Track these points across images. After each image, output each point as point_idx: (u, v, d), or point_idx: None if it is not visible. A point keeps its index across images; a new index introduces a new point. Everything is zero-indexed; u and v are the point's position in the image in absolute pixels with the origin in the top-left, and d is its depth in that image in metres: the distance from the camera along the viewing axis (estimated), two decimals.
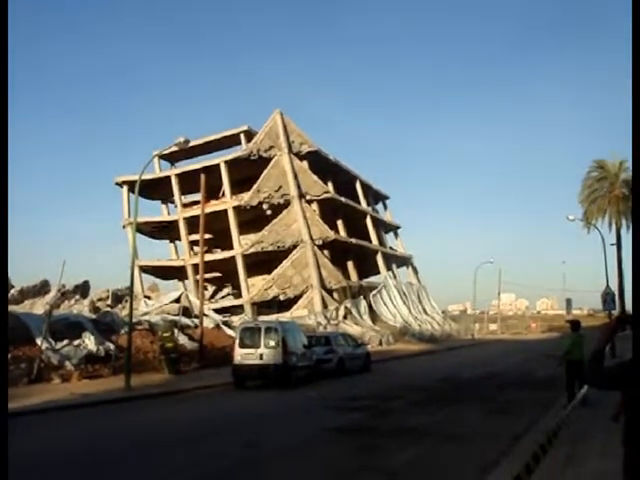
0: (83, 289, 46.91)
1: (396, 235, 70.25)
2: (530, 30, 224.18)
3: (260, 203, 49.41)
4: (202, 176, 29.84)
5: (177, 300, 35.46)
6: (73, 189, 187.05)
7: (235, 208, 49.73)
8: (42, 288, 45.23)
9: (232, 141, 53.74)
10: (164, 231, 57.48)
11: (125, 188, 54.32)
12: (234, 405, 16.43)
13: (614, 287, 34.40)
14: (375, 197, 67.15)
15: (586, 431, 10.38)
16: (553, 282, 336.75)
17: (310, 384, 20.30)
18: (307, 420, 13.08)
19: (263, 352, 19.39)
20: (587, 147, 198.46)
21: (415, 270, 69.14)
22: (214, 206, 49.23)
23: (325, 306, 45.81)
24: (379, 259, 59.08)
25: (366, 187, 62.82)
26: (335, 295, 49.41)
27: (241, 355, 19.64)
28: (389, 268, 60.85)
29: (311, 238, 48.22)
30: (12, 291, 44.36)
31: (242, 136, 52.39)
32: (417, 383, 20.23)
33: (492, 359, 33.11)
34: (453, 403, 15.31)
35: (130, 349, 19.45)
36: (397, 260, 65.68)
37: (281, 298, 48.13)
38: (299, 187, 49.69)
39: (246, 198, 49.49)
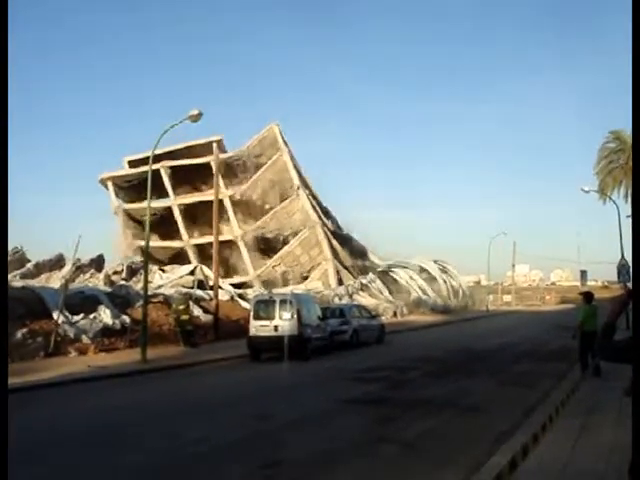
0: (98, 263, 47.09)
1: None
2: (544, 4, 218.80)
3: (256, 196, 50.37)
4: (214, 146, 29.69)
5: (192, 273, 35.70)
6: (84, 166, 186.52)
7: (232, 200, 49.90)
8: (57, 262, 45.54)
9: (204, 150, 51.11)
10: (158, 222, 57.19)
11: (110, 183, 54.48)
12: (249, 377, 16.61)
13: (629, 259, 34.09)
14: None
15: (599, 401, 10.42)
16: (568, 253, 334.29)
17: (325, 356, 20.41)
18: (322, 392, 13.18)
19: (278, 324, 19.39)
20: (602, 116, 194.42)
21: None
22: (209, 195, 48.76)
23: (340, 278, 46.00)
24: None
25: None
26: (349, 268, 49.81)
27: (256, 327, 19.72)
28: None
29: (319, 217, 48.55)
30: (28, 265, 44.91)
31: (214, 145, 48.72)
32: (432, 354, 20.32)
33: (506, 330, 33.13)
34: (467, 374, 15.37)
35: (146, 322, 19.55)
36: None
37: (288, 277, 48.36)
38: (301, 177, 50.60)
39: (243, 188, 50.11)
